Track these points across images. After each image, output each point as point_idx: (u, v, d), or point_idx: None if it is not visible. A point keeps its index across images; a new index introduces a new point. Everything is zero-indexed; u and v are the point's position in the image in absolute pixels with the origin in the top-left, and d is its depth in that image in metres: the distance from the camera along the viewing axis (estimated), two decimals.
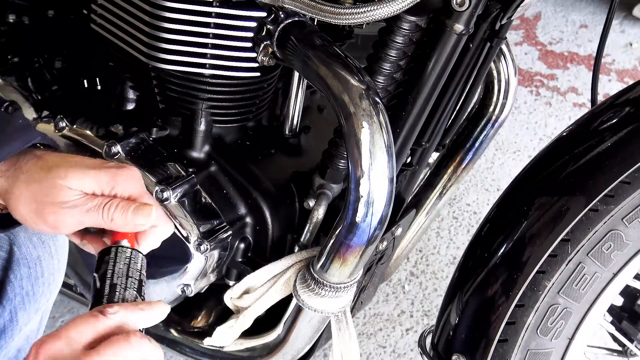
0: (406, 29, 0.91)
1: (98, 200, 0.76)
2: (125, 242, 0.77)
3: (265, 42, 0.94)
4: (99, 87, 1.15)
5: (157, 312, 0.73)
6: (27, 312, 0.95)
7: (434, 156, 1.22)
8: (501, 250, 0.99)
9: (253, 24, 0.95)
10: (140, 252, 0.77)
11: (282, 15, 0.93)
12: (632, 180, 0.92)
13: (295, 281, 0.98)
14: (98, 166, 0.77)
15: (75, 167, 0.76)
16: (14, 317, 0.93)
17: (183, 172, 1.03)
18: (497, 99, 1.18)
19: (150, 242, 0.80)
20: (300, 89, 1.08)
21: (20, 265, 0.92)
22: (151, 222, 0.78)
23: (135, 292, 0.73)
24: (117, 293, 0.72)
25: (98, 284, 0.73)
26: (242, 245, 1.08)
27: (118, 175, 0.77)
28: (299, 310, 1.05)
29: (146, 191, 0.80)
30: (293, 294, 0.99)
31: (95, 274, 0.74)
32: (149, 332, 1.21)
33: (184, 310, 1.19)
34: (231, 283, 1.10)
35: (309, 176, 1.05)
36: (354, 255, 0.92)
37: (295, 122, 1.13)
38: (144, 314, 0.71)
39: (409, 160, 1.08)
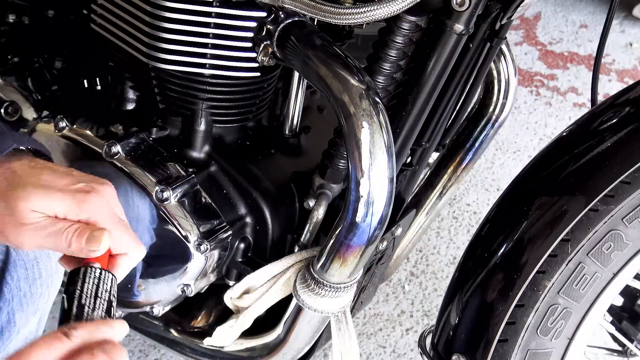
0: (406, 29, 0.91)
1: (60, 225, 0.73)
2: (96, 264, 0.74)
3: (265, 42, 0.94)
4: (99, 87, 1.15)
5: (116, 331, 0.70)
6: (25, 313, 0.95)
7: (434, 156, 1.22)
8: (501, 250, 0.99)
9: (253, 24, 0.95)
10: (110, 273, 0.75)
11: (282, 15, 0.93)
12: (632, 180, 0.92)
13: (295, 281, 0.98)
14: (66, 189, 0.74)
15: (41, 188, 0.73)
16: (11, 318, 0.93)
17: (183, 172, 1.03)
18: (497, 99, 1.18)
19: (121, 268, 0.77)
20: (300, 89, 1.08)
21: (17, 267, 0.92)
22: (103, 249, 0.74)
23: (103, 313, 0.71)
24: (85, 314, 0.70)
25: (66, 305, 0.70)
26: (242, 245, 1.08)
27: (84, 202, 0.74)
28: (299, 310, 1.05)
29: (114, 213, 0.77)
30: (293, 294, 0.99)
31: (63, 295, 0.72)
32: (150, 332, 1.22)
33: (184, 310, 1.19)
34: (231, 283, 1.10)
35: (309, 176, 1.05)
36: (354, 255, 0.92)
37: (295, 122, 1.13)
38: (106, 333, 0.69)
39: (409, 160, 1.08)
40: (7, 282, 0.91)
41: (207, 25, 0.95)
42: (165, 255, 1.06)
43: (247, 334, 1.13)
